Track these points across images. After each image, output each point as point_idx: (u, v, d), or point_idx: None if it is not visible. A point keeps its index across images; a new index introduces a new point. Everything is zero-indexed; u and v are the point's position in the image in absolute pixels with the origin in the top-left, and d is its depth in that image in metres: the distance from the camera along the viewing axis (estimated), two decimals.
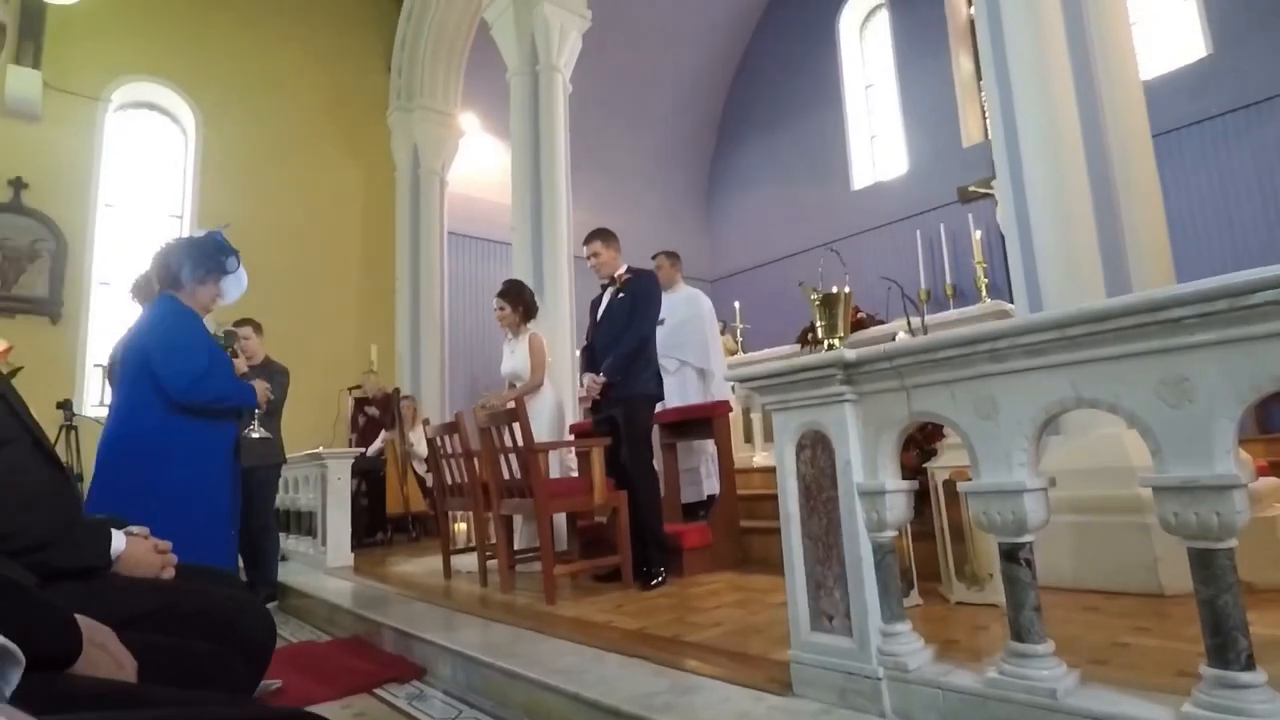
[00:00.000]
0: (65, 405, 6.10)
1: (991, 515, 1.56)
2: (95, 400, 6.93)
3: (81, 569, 1.20)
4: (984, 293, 5.61)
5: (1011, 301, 5.72)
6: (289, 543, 5.80)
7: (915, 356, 1.68)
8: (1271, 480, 2.95)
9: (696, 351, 4.69)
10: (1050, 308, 3.16)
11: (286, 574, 4.79)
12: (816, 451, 1.90)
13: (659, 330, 4.71)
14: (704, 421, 4.07)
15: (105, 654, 0.90)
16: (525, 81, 6.58)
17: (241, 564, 4.69)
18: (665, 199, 11.14)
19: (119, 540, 1.30)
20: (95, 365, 6.98)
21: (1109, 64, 3.29)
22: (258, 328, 4.56)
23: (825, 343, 1.85)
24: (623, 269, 3.97)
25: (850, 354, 1.77)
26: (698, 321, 4.74)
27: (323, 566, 5.02)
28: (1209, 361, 1.29)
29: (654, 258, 5.00)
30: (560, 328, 5.76)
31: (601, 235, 4.02)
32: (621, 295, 3.90)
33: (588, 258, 4.06)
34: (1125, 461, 2.72)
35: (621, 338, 3.74)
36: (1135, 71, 3.42)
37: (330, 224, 8.32)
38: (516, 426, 3.41)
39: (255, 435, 3.13)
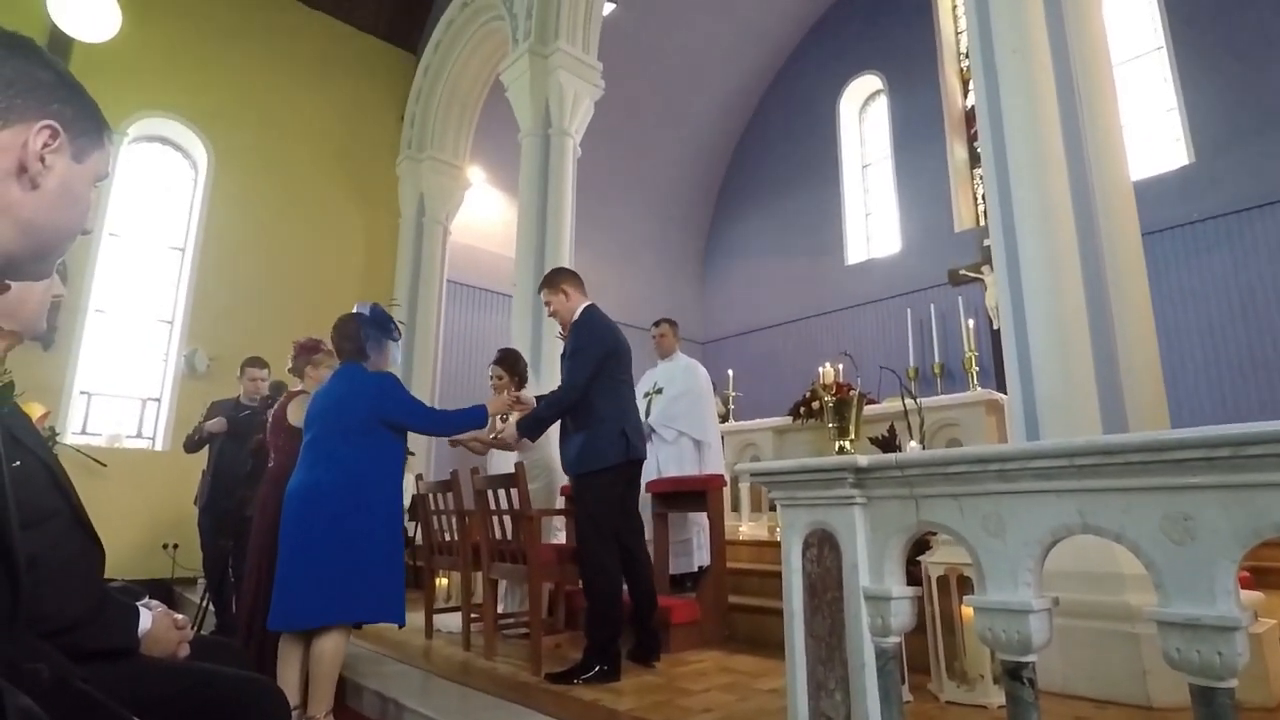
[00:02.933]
0: (49, 431, 6.01)
1: (996, 632, 1.59)
2: (78, 428, 6.84)
3: (111, 649, 1.21)
4: (973, 379, 5.73)
5: (998, 386, 5.89)
6: None
7: (925, 468, 1.73)
8: (1254, 594, 3.01)
9: (693, 423, 4.72)
10: (1042, 398, 3.24)
11: None
12: (823, 551, 1.93)
13: (659, 399, 4.77)
14: (698, 493, 4.08)
15: None
16: (537, 143, 6.76)
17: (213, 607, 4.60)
18: (663, 261, 11.34)
19: (145, 619, 1.30)
20: (82, 393, 6.91)
21: (1102, 162, 3.42)
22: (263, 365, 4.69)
23: (837, 445, 1.91)
24: (578, 313, 3.48)
25: (862, 460, 1.82)
26: (696, 394, 4.79)
27: None
28: (1212, 503, 1.35)
29: (657, 324, 5.08)
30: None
31: (549, 282, 3.56)
32: (568, 342, 3.45)
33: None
34: (1115, 568, 2.76)
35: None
36: (1126, 172, 3.53)
37: (332, 266, 8.38)
38: (514, 490, 3.42)
39: None
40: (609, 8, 7.70)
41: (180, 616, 1.43)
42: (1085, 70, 3.47)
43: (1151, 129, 7.66)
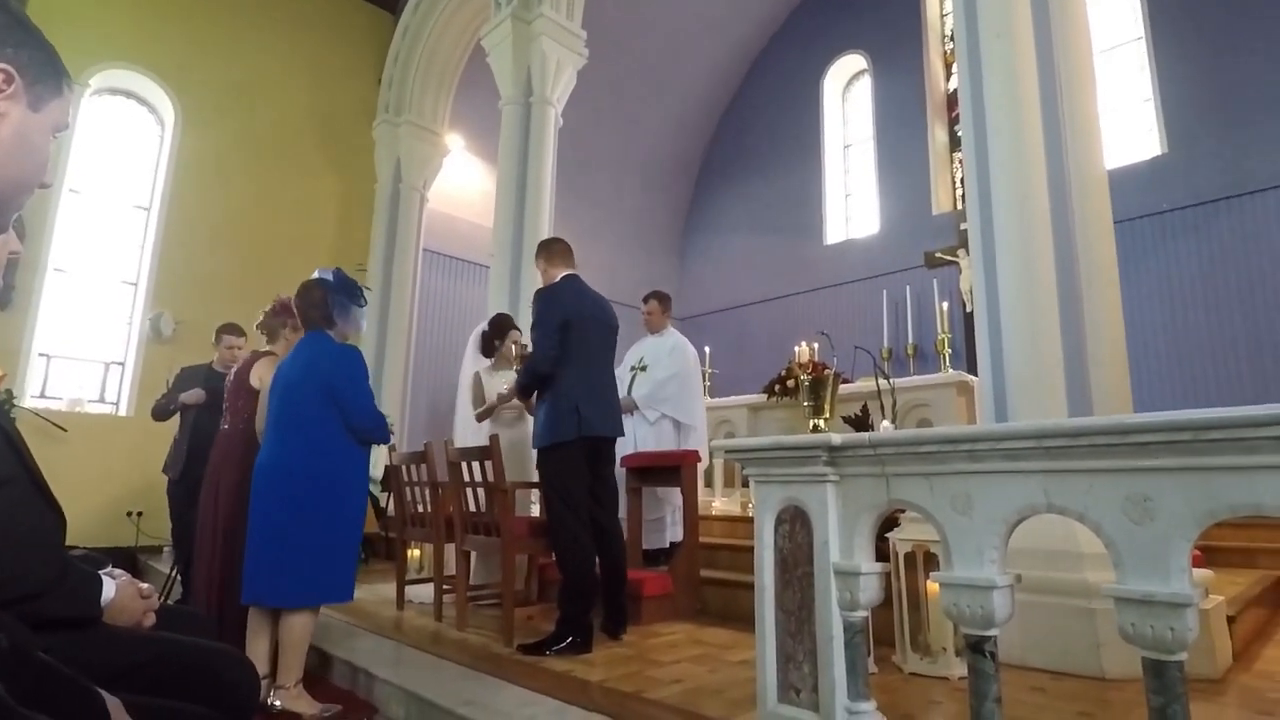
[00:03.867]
0: (6, 394, 5.87)
1: (961, 608, 1.63)
2: (36, 391, 6.67)
3: (73, 618, 1.19)
4: (946, 360, 5.81)
5: (969, 368, 5.98)
6: None
7: (897, 447, 1.76)
8: (1205, 572, 3.12)
9: (680, 407, 4.67)
10: (1012, 381, 3.29)
11: None
12: (795, 527, 1.96)
13: (644, 376, 4.75)
14: (672, 469, 4.11)
15: None
16: (518, 111, 6.65)
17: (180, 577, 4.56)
18: (643, 234, 11.29)
19: (109, 587, 1.29)
20: (41, 355, 6.73)
21: (1078, 151, 3.45)
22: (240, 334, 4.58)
23: (811, 423, 1.93)
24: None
25: (836, 438, 1.84)
26: (684, 376, 4.74)
27: None
28: (1171, 485, 1.39)
29: (645, 299, 5.05)
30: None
31: (536, 253, 3.65)
32: None
33: None
34: (1075, 547, 2.85)
35: None
36: (1102, 160, 3.57)
37: (304, 229, 8.21)
38: (488, 463, 3.41)
39: None
40: None
41: (146, 585, 1.41)
42: (1066, 57, 3.49)
43: (1127, 118, 7.74)
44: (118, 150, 7.45)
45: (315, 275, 2.98)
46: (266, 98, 8.11)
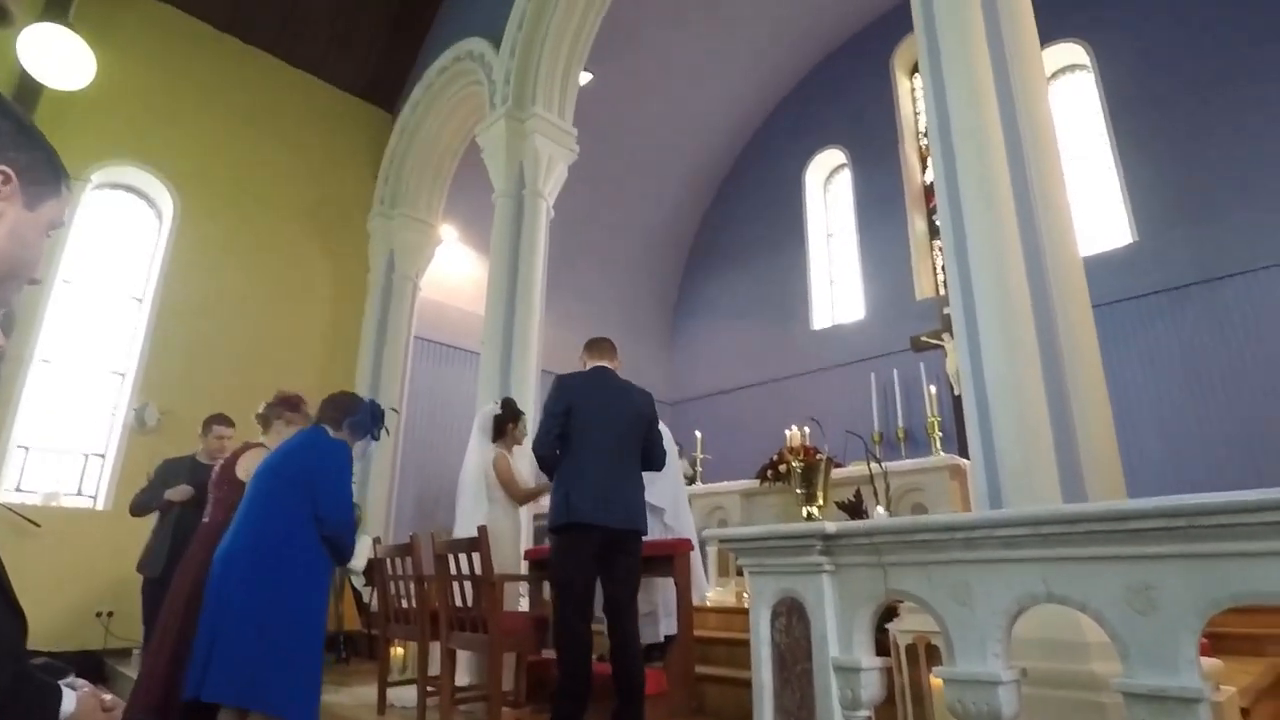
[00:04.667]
0: None
1: (966, 704, 1.57)
2: (12, 484, 6.51)
3: None
4: (936, 444, 5.80)
5: (960, 450, 5.97)
6: None
7: (893, 536, 1.74)
8: (1214, 661, 3.03)
9: (663, 496, 4.52)
10: (1003, 465, 3.28)
11: None
12: (792, 620, 1.90)
13: None
14: (664, 559, 4.01)
15: None
16: (510, 204, 6.86)
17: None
18: (631, 321, 11.43)
19: (69, 700, 1.21)
20: (20, 446, 6.62)
21: (1053, 239, 3.55)
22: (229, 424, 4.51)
23: (805, 510, 1.90)
24: None
25: (831, 527, 1.82)
26: (669, 465, 4.68)
27: None
28: (1172, 572, 1.37)
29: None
30: (525, 442, 5.73)
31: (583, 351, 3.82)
32: None
33: None
34: (1080, 636, 2.76)
35: None
36: (1076, 248, 3.67)
37: (297, 322, 8.27)
38: (475, 555, 3.33)
39: None
40: (586, 77, 7.96)
41: (109, 697, 1.33)
42: (1035, 152, 3.66)
43: (1098, 209, 8.06)
44: (114, 242, 7.57)
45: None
46: (265, 193, 8.32)
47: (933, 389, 6.39)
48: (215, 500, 3.30)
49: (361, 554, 6.45)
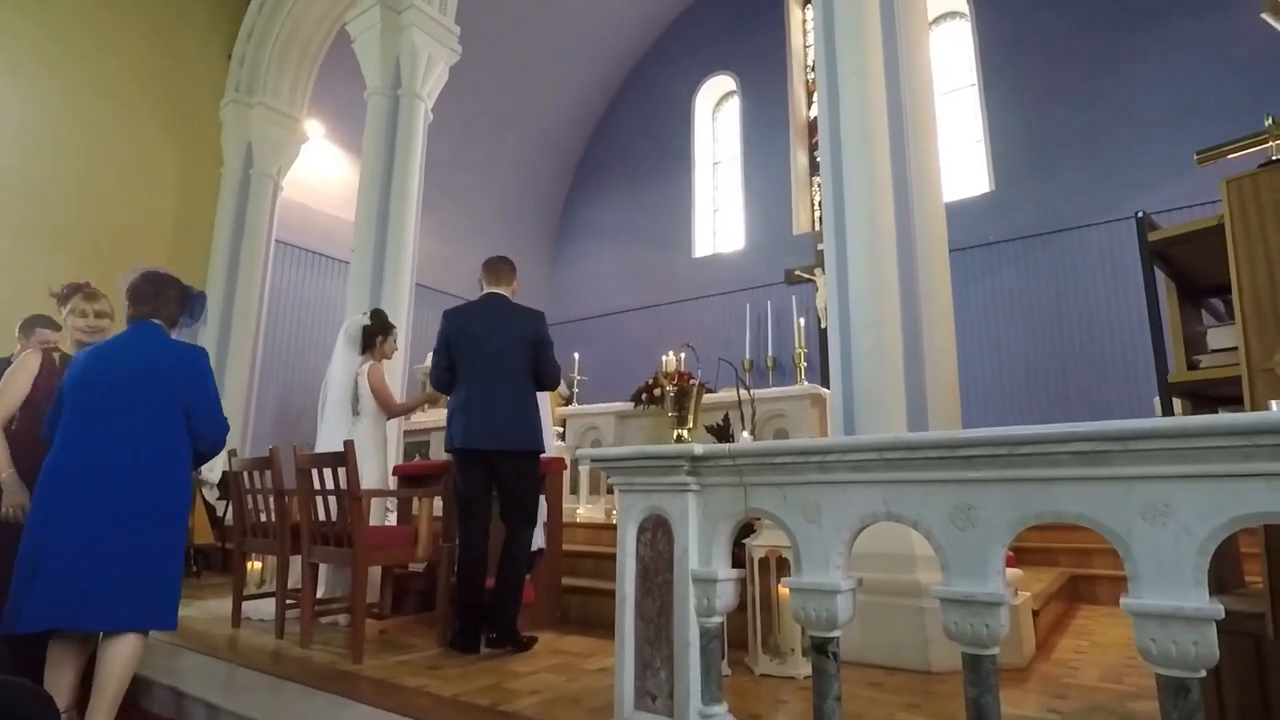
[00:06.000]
0: None
1: (808, 611, 1.73)
2: None
3: None
4: (801, 373, 6.14)
5: (823, 381, 6.36)
6: None
7: (756, 458, 1.84)
8: (1015, 571, 3.49)
9: None
10: (860, 395, 3.53)
11: None
12: (657, 535, 2.00)
13: None
14: None
15: None
16: (384, 103, 6.38)
17: None
18: (514, 238, 11.12)
19: None
20: None
21: (921, 184, 3.76)
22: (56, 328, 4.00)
23: (675, 433, 1.97)
24: None
25: (698, 449, 1.90)
26: None
27: None
28: (991, 494, 1.54)
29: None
30: (395, 357, 5.53)
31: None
32: None
33: None
34: (909, 549, 3.09)
35: None
36: (940, 194, 3.91)
37: (139, 211, 7.39)
38: (341, 470, 3.23)
39: None
40: None
41: None
42: (913, 97, 3.80)
43: (962, 158, 8.55)
44: None
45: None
46: (100, 58, 7.21)
47: (802, 321, 6.70)
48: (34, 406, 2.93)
49: (216, 466, 6.10)
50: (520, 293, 5.26)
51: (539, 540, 4.27)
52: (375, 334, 4.21)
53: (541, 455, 3.58)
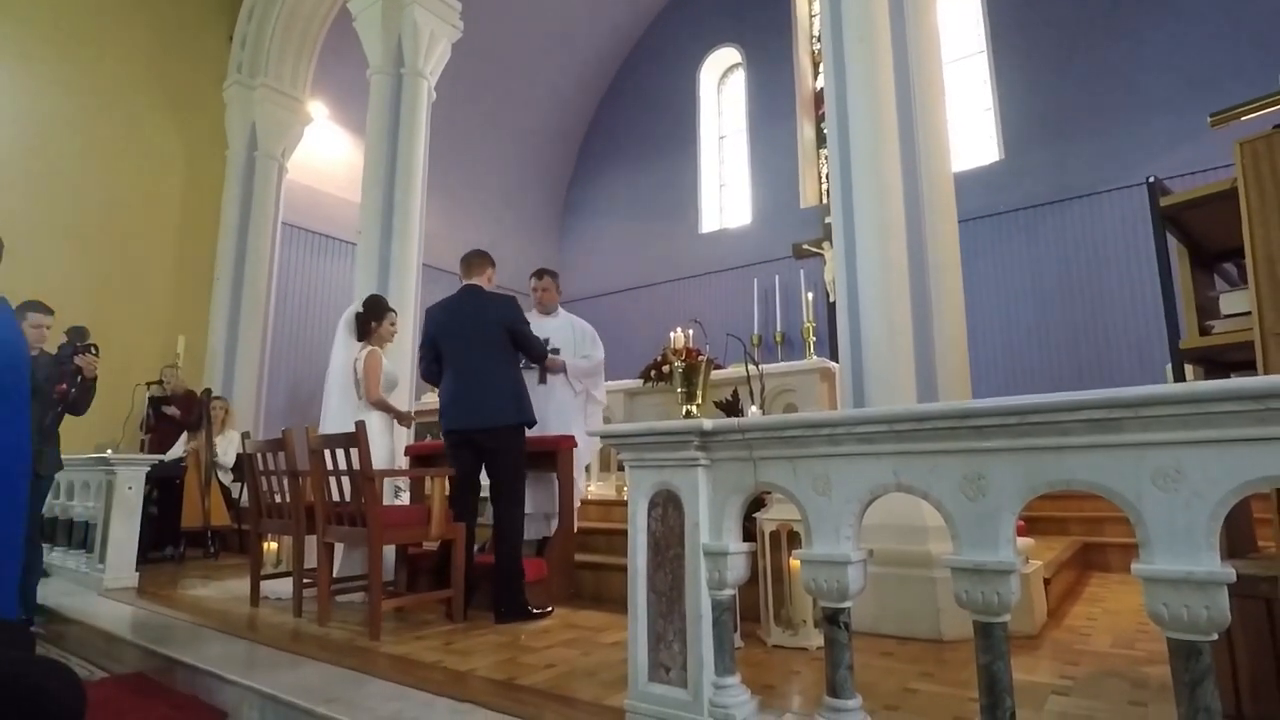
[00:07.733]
0: None
1: (819, 582, 1.74)
2: None
3: None
4: (810, 348, 6.12)
5: (831, 355, 6.35)
6: (52, 556, 5.08)
7: (765, 432, 1.84)
8: (1026, 540, 3.49)
9: (600, 388, 4.86)
10: (869, 368, 3.52)
11: (50, 594, 4.18)
12: (667, 510, 2.01)
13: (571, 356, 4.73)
14: (548, 454, 4.09)
15: None
16: (387, 82, 6.34)
17: None
18: (520, 215, 11.09)
19: None
20: None
21: (929, 154, 3.72)
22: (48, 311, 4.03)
23: (684, 409, 1.97)
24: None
25: (708, 424, 1.90)
26: (596, 350, 4.86)
27: (98, 587, 4.44)
28: (1001, 464, 1.54)
29: (539, 276, 4.85)
30: (402, 340, 5.55)
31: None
32: None
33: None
34: (920, 521, 3.09)
35: None
36: (949, 164, 3.87)
37: (144, 194, 7.40)
38: (354, 450, 3.26)
39: None
40: None
41: None
42: (920, 66, 3.74)
43: (971, 127, 8.42)
44: None
45: None
46: (101, 39, 7.18)
47: (810, 295, 6.67)
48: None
49: (230, 450, 6.17)
50: (527, 274, 5.26)
51: (545, 530, 4.27)
52: (368, 320, 4.21)
53: (556, 435, 3.67)
